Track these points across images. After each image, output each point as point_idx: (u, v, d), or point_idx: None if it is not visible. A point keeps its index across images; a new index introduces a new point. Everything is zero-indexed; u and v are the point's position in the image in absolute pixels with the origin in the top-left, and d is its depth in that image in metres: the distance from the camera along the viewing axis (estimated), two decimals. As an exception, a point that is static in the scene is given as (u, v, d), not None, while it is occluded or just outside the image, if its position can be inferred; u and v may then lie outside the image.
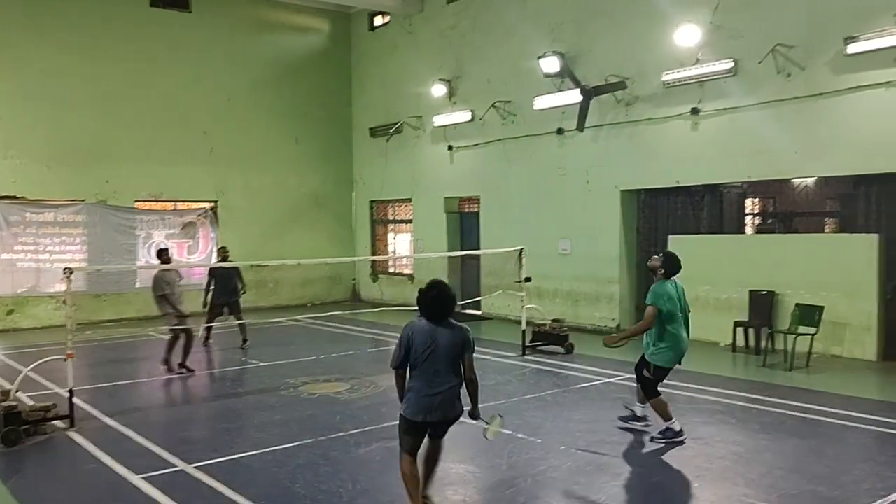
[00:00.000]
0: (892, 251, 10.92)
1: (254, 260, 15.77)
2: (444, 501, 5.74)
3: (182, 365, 10.93)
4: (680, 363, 7.27)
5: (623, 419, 7.62)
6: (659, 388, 7.23)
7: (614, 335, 7.66)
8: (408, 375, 5.23)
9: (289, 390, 9.61)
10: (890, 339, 10.92)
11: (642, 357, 7.27)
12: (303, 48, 20.21)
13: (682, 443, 6.93)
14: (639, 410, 7.50)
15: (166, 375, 10.79)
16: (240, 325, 13.05)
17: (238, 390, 10.15)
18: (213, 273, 13.07)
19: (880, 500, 5.55)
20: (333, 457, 6.77)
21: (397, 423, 5.29)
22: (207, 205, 18.28)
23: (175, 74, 17.86)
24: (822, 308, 10.68)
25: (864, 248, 10.92)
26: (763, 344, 11.39)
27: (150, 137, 17.40)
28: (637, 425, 7.46)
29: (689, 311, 7.36)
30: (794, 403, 8.42)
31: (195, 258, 17.82)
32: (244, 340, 13.06)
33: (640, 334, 7.25)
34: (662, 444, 6.97)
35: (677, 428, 7.00)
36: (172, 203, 18.03)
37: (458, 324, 5.25)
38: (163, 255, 11.19)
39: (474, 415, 5.39)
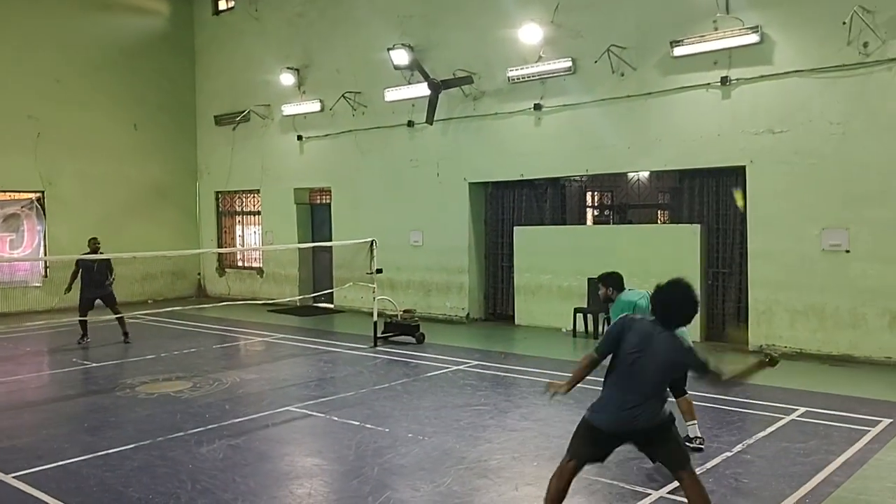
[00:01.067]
0: (713, 240, 11.90)
1: (87, 255, 14.72)
2: (289, 496, 5.65)
3: None
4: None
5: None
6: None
7: None
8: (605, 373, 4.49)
9: (124, 391, 9.08)
10: (710, 321, 11.90)
11: None
12: (141, 30, 19.09)
13: (699, 449, 6.49)
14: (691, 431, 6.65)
15: None
16: (118, 319, 12.45)
17: (68, 393, 9.46)
18: (82, 265, 12.28)
19: (699, 468, 6.02)
20: (172, 457, 6.47)
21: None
22: (33, 195, 16.90)
23: (-7, 53, 16.38)
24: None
25: (687, 237, 11.82)
26: (601, 328, 12.06)
27: (-35, 121, 15.89)
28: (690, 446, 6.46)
29: None
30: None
31: (19, 253, 16.44)
32: (125, 334, 12.58)
33: None
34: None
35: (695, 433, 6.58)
36: (-9, 194, 16.57)
37: (683, 339, 4.44)
38: None
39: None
